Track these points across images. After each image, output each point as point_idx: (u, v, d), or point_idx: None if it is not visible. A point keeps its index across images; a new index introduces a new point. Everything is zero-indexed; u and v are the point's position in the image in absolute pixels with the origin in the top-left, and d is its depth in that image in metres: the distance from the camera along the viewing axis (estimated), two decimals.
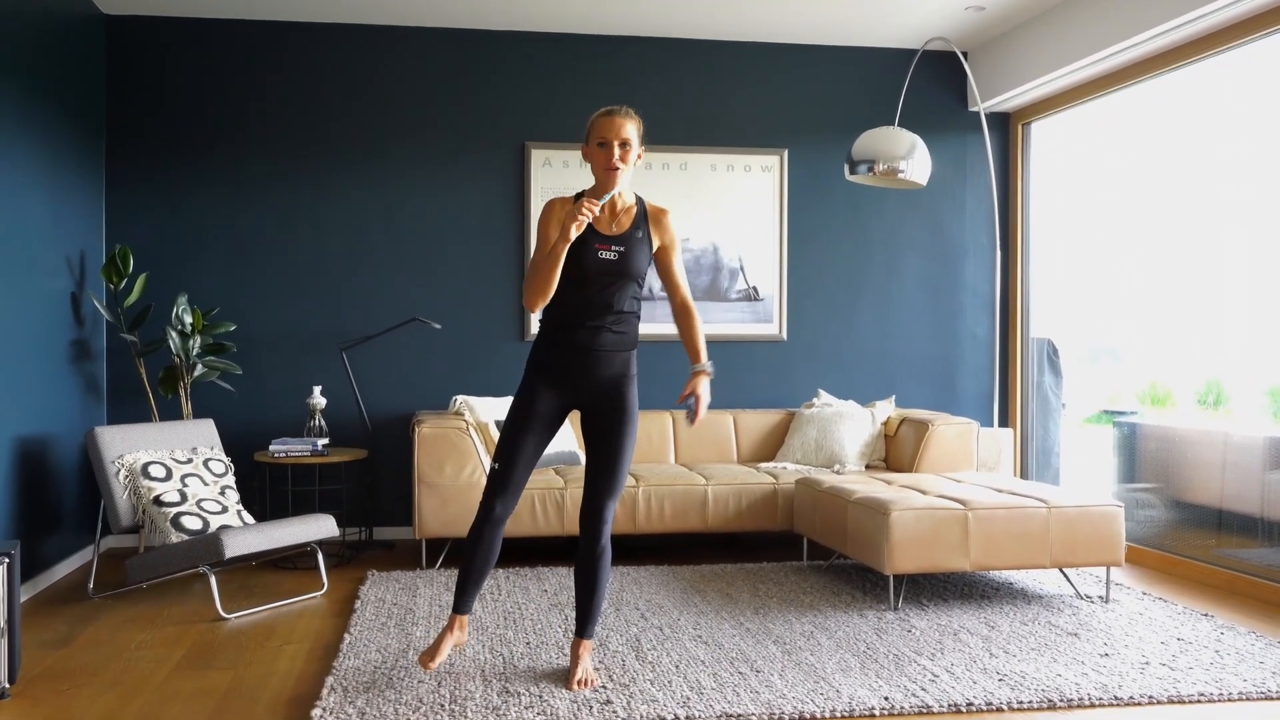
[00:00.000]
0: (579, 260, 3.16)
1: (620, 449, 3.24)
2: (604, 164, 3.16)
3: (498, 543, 3.30)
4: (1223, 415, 5.05)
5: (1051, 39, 5.39)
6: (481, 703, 3.07)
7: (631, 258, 3.22)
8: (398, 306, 5.68)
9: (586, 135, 3.21)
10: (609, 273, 3.20)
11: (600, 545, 3.25)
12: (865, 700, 3.10)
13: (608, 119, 3.16)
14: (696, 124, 5.94)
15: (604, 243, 3.20)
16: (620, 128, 3.15)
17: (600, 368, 3.23)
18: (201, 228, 5.58)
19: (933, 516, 4.14)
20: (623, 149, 3.15)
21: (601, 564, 3.27)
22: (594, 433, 3.28)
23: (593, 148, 3.19)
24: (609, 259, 3.19)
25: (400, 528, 5.66)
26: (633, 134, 3.18)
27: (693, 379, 3.31)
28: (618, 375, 3.26)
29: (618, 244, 3.21)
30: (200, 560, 4.06)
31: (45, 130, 4.69)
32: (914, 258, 6.16)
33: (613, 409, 3.25)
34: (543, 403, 3.25)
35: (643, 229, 3.27)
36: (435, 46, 5.74)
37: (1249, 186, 4.80)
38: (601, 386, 3.25)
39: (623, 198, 3.27)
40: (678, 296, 3.40)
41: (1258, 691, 3.21)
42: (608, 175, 3.17)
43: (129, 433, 4.54)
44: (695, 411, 3.27)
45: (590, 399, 3.26)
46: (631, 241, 3.23)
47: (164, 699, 3.15)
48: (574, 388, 3.25)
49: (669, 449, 5.66)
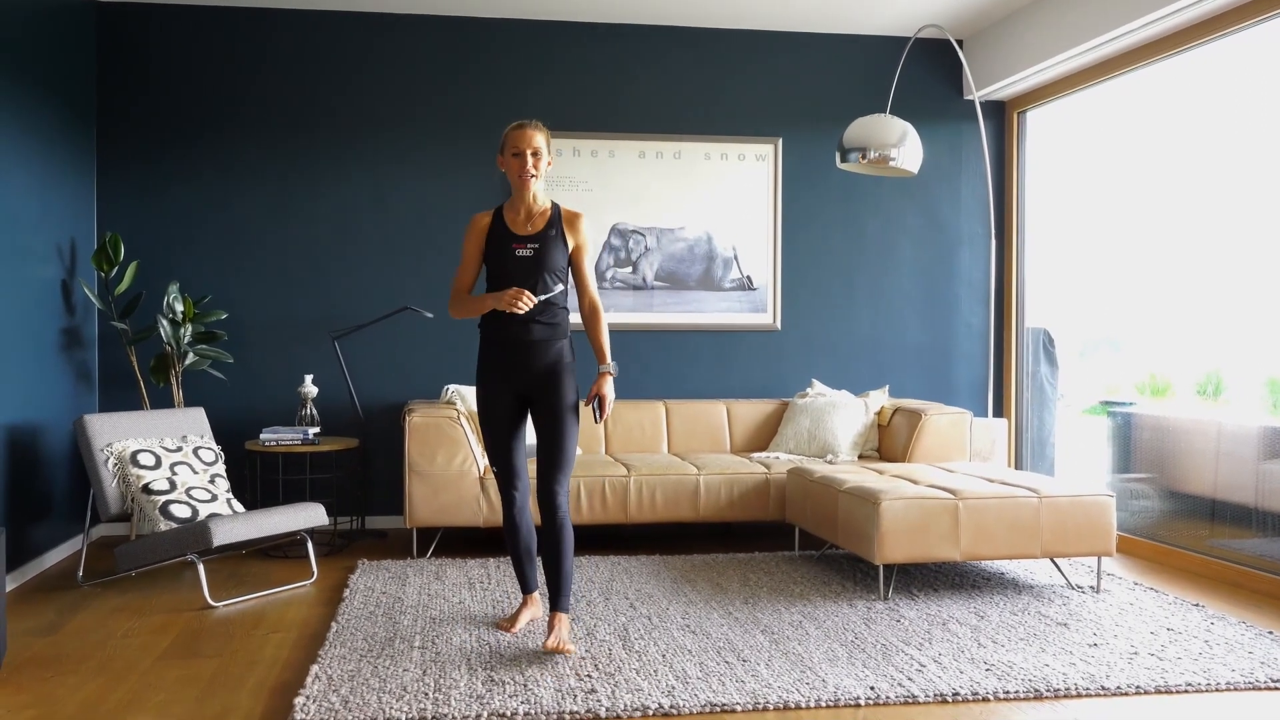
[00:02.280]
0: (500, 259, 3.53)
1: (560, 432, 3.51)
2: (517, 172, 3.52)
3: (530, 522, 3.68)
4: (1222, 406, 5.03)
5: (1047, 26, 5.36)
6: (466, 691, 3.06)
7: (547, 253, 3.52)
8: (389, 295, 5.66)
9: (501, 146, 3.56)
10: (528, 268, 3.50)
11: (557, 520, 3.49)
12: (851, 690, 3.08)
13: (519, 131, 3.52)
14: (690, 112, 5.91)
15: (520, 242, 3.53)
16: (531, 139, 3.51)
17: (535, 359, 3.53)
18: (193, 215, 5.56)
19: (923, 506, 4.12)
20: (534, 158, 3.51)
21: (563, 537, 3.49)
22: (537, 419, 3.58)
23: (507, 158, 3.54)
24: (526, 255, 3.51)
25: (393, 517, 5.65)
26: (542, 144, 3.54)
27: (599, 379, 3.57)
28: (552, 364, 3.55)
29: (533, 241, 3.53)
30: (188, 548, 4.05)
31: (35, 117, 4.67)
32: (909, 247, 6.14)
33: (549, 396, 3.53)
34: (499, 397, 3.58)
35: (556, 228, 3.57)
36: (426, 34, 5.72)
37: (1248, 174, 4.77)
38: (539, 376, 3.54)
39: (537, 201, 3.57)
40: (586, 297, 3.65)
41: (1245, 682, 3.19)
42: (521, 181, 3.52)
43: (118, 421, 4.53)
44: (601, 410, 3.53)
45: (531, 388, 3.56)
46: (546, 239, 3.53)
47: (148, 686, 3.15)
48: (516, 378, 3.56)
49: (661, 439, 5.65)
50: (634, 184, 5.84)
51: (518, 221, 3.56)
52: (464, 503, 4.87)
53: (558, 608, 3.48)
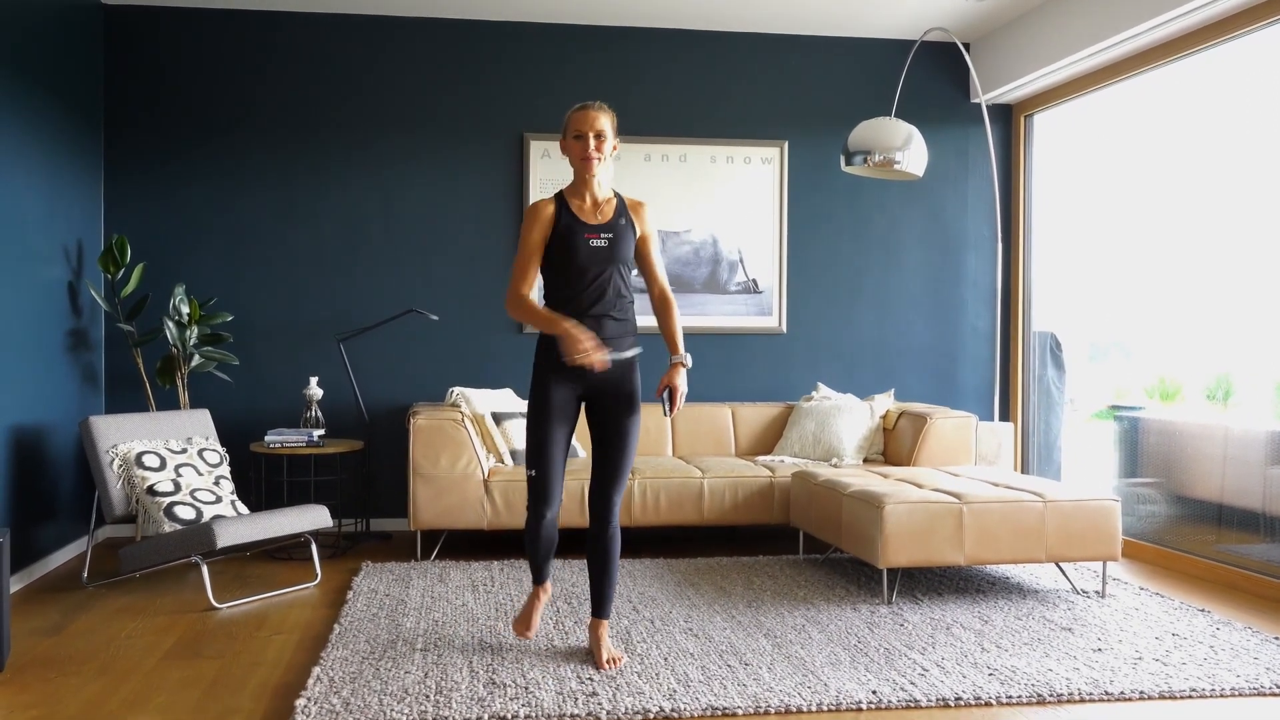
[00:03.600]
0: (572, 250, 3.28)
1: (628, 437, 3.36)
2: (580, 154, 3.29)
3: (555, 535, 3.46)
4: (1231, 411, 5.00)
5: (1053, 29, 5.34)
6: (467, 693, 3.06)
7: (620, 243, 3.32)
8: (395, 298, 5.67)
9: (564, 129, 3.34)
10: (602, 259, 3.30)
11: (610, 530, 3.36)
12: (853, 694, 3.07)
13: (583, 113, 3.29)
14: (696, 115, 5.91)
15: (593, 231, 3.31)
16: (595, 120, 3.28)
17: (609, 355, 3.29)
18: (199, 218, 5.58)
19: (927, 510, 4.11)
20: (598, 140, 3.28)
21: (613, 547, 3.37)
22: (601, 421, 3.38)
23: (569, 140, 3.32)
24: (601, 246, 3.30)
25: (397, 519, 5.66)
26: (607, 127, 3.30)
27: (671, 370, 3.37)
28: (624, 363, 3.34)
29: (606, 231, 3.32)
30: (192, 550, 4.06)
31: (43, 120, 4.69)
32: (915, 250, 6.13)
33: (618, 397, 3.35)
34: (559, 396, 3.33)
35: (625, 217, 3.37)
36: (434, 37, 5.73)
37: (1257, 178, 4.75)
38: (609, 375, 3.32)
39: (601, 188, 3.36)
40: (656, 287, 3.48)
41: (1250, 687, 3.17)
42: (584, 164, 3.29)
43: (123, 422, 4.54)
44: (673, 403, 3.34)
45: (598, 388, 3.34)
46: (618, 228, 3.34)
47: (150, 687, 3.15)
48: (583, 378, 3.32)
49: (666, 442, 5.64)
50: (640, 187, 5.84)
51: (585, 210, 3.32)
52: (468, 505, 4.87)
53: (601, 614, 3.39)
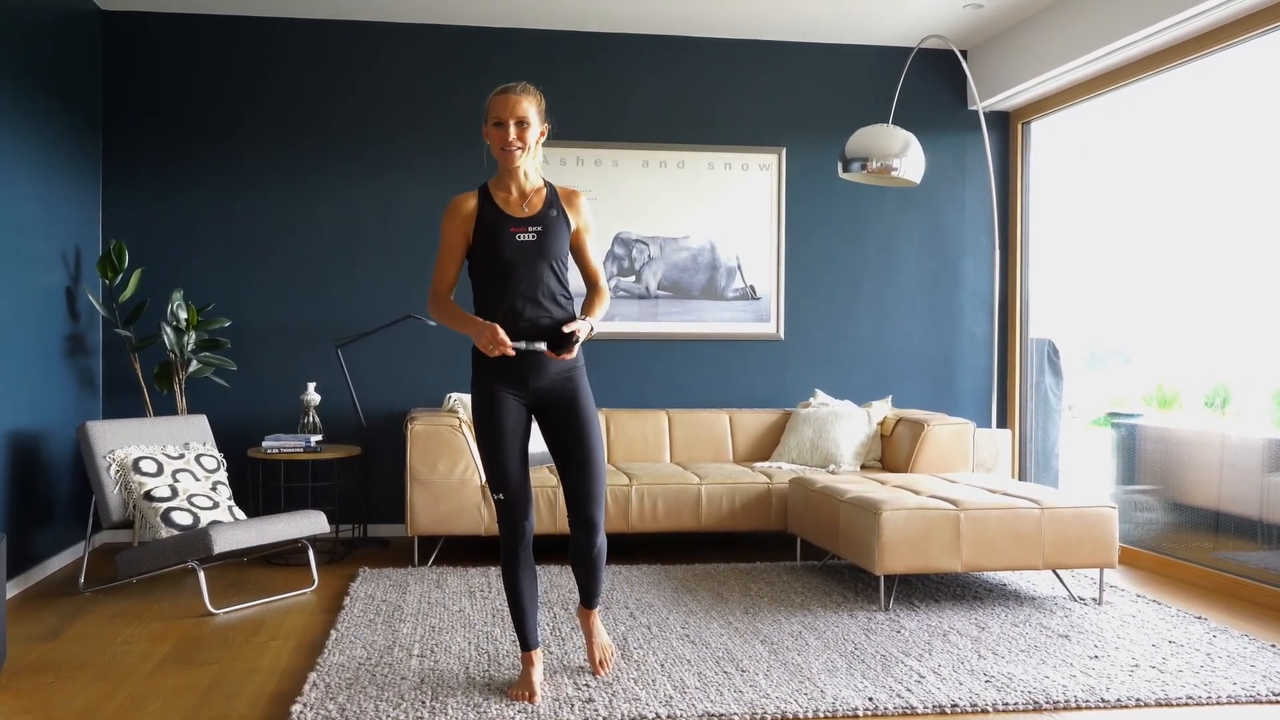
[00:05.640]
0: (494, 246, 3.02)
1: (589, 447, 3.09)
2: (500, 144, 3.01)
3: (533, 568, 3.16)
4: (1229, 418, 5.01)
5: (1050, 37, 5.36)
6: (463, 700, 3.06)
7: (550, 236, 3.05)
8: (392, 303, 5.67)
9: (485, 114, 3.05)
10: (531, 254, 3.03)
11: (596, 546, 3.18)
12: (849, 701, 3.07)
13: (503, 97, 3.00)
14: (693, 122, 5.92)
15: (519, 225, 3.04)
16: (515, 106, 2.98)
17: (547, 361, 3.05)
18: (197, 223, 5.58)
19: (924, 517, 4.11)
20: (519, 128, 2.99)
21: (599, 558, 3.23)
22: (558, 435, 3.12)
23: (489, 128, 3.03)
24: (528, 240, 3.02)
25: (395, 525, 5.66)
26: (531, 111, 3.01)
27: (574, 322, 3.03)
28: (566, 366, 3.08)
29: (534, 224, 3.05)
30: (189, 555, 4.05)
31: (41, 125, 4.69)
32: (913, 257, 6.13)
33: (569, 405, 3.09)
34: (506, 409, 3.06)
35: (556, 208, 3.11)
36: (431, 43, 5.74)
37: (1254, 185, 4.76)
38: (552, 380, 3.07)
39: (529, 178, 3.09)
40: (591, 281, 3.23)
41: (1247, 695, 3.17)
42: (504, 155, 3.02)
43: (121, 428, 4.54)
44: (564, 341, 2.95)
45: (543, 397, 3.09)
46: (547, 220, 3.06)
47: (146, 693, 3.15)
48: (525, 386, 3.06)
49: (664, 448, 5.64)
50: (638, 193, 5.85)
51: (511, 202, 3.05)
52: (465, 511, 4.87)
53: (589, 604, 3.28)
